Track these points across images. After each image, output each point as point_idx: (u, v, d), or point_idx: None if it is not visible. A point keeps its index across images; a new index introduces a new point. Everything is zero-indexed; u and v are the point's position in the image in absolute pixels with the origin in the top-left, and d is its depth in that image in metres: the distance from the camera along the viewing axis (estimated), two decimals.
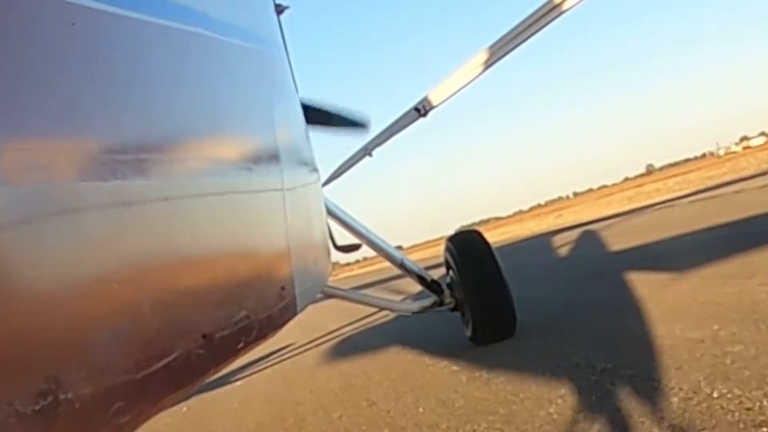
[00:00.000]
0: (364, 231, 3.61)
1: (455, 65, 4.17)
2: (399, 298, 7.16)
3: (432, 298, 3.68)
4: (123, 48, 0.68)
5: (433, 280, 3.65)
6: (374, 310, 5.88)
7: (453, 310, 3.62)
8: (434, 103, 4.35)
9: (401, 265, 3.68)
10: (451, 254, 3.55)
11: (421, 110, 4.41)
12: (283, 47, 1.64)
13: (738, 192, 9.64)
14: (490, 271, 3.37)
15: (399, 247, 4.44)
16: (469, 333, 3.45)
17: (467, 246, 3.53)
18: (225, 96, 0.97)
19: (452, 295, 3.60)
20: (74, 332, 0.52)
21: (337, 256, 4.64)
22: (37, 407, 0.46)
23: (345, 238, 4.34)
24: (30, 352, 0.47)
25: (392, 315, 5.75)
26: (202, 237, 0.76)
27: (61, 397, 0.48)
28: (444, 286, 3.63)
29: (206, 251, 0.77)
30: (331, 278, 1.77)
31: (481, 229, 4.20)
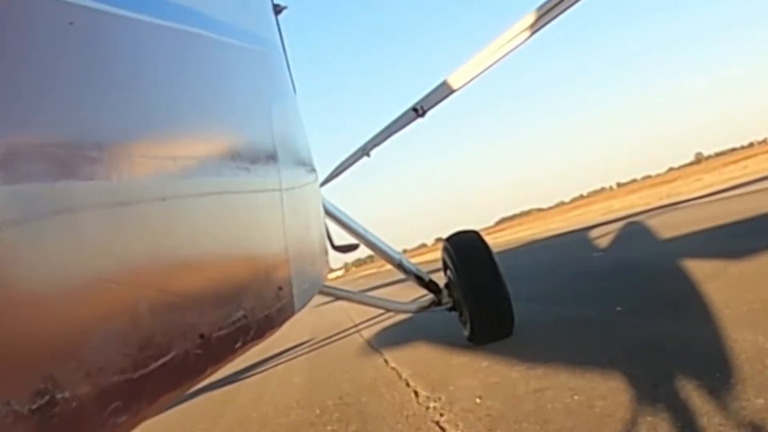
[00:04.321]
0: (362, 231, 3.60)
1: (453, 65, 4.14)
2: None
3: (430, 298, 3.68)
4: (120, 48, 0.68)
5: (431, 280, 3.64)
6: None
7: (451, 309, 3.62)
8: (432, 103, 4.33)
9: (399, 266, 3.67)
10: (449, 254, 3.55)
11: (419, 110, 4.39)
12: (281, 47, 1.64)
13: None
14: (488, 271, 3.37)
15: (440, 239, 4.36)
16: (467, 333, 3.45)
17: (465, 246, 3.53)
18: (223, 96, 0.97)
19: (450, 295, 3.60)
20: (72, 332, 0.52)
21: (349, 253, 4.58)
22: (34, 406, 0.46)
23: (343, 238, 4.33)
24: (27, 352, 0.47)
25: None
26: (200, 237, 0.76)
27: (58, 396, 0.48)
28: (442, 286, 3.63)
29: (204, 251, 0.77)
30: (348, 278, 1.75)
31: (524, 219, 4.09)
